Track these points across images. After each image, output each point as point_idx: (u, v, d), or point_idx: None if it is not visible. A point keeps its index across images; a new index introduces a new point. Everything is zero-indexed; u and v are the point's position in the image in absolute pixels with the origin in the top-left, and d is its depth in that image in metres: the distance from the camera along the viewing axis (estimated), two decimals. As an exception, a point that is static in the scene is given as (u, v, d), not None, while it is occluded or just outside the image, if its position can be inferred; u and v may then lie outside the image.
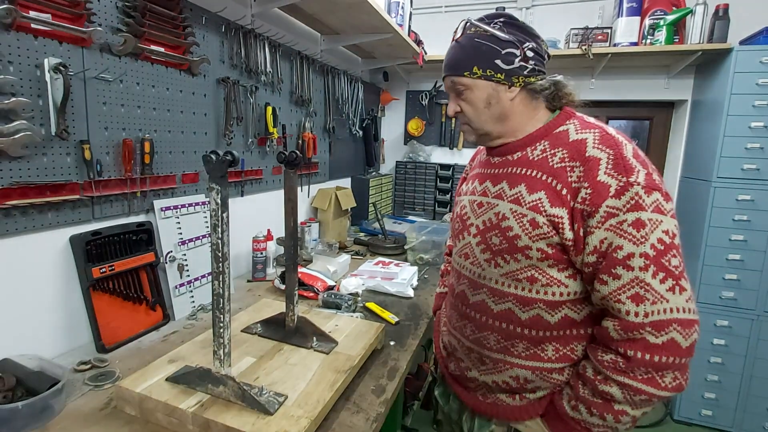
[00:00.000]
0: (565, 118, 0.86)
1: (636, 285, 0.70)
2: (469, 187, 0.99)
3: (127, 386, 0.86)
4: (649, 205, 0.70)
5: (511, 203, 0.83)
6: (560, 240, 0.77)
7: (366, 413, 0.91)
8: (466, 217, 0.95)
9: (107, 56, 1.14)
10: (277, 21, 1.87)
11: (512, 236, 0.81)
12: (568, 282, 0.80)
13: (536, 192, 0.80)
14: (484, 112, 0.87)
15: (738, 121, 2.09)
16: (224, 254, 0.81)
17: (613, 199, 0.71)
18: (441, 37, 2.92)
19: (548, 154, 0.82)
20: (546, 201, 0.78)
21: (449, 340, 1.01)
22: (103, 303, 1.14)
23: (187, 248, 1.37)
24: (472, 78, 0.85)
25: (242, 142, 1.71)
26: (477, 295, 0.90)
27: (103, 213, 1.17)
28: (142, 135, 1.25)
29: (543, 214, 0.78)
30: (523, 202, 0.81)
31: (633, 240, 0.70)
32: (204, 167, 0.79)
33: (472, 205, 0.94)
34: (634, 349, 0.70)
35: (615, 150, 0.75)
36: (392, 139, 3.37)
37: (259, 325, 1.14)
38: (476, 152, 1.10)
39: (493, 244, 0.85)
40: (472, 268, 0.91)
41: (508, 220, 0.82)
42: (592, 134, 0.79)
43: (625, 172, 0.72)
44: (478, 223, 0.90)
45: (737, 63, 2.06)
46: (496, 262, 0.85)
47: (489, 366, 0.90)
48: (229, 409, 0.81)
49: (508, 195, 0.85)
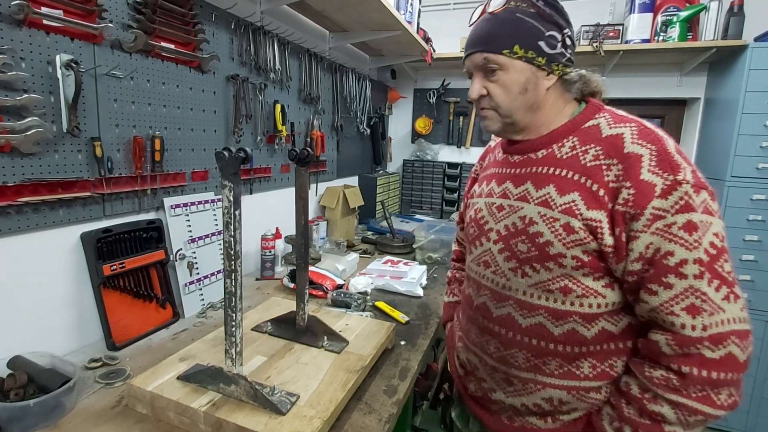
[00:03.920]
0: (593, 112, 0.78)
1: (691, 294, 0.63)
2: (483, 188, 0.91)
3: (139, 384, 0.86)
4: (699, 206, 0.64)
5: (539, 206, 0.76)
6: (598, 246, 0.70)
7: (378, 414, 0.90)
8: (483, 222, 0.86)
9: (118, 53, 1.14)
10: (285, 18, 1.86)
11: (543, 243, 0.74)
12: (606, 292, 0.73)
13: (568, 193, 0.73)
14: (518, 98, 0.77)
15: (753, 119, 2.05)
16: (236, 252, 0.80)
17: (659, 199, 0.65)
18: (449, 35, 2.91)
19: (579, 152, 0.75)
20: (581, 203, 0.71)
21: (468, 358, 0.92)
22: (114, 300, 1.14)
23: (196, 246, 1.36)
24: (511, 57, 0.75)
25: (251, 139, 1.70)
26: (502, 308, 0.81)
27: (114, 210, 1.17)
28: (152, 132, 1.25)
29: (578, 217, 0.70)
30: (553, 204, 0.74)
31: (685, 245, 0.63)
32: (216, 164, 0.79)
33: (489, 208, 0.86)
34: (690, 365, 0.64)
35: (657, 145, 0.68)
36: (400, 137, 3.36)
37: (270, 324, 1.13)
38: (486, 151, 1.02)
39: (519, 251, 0.77)
40: (494, 278, 0.83)
41: (537, 224, 0.75)
42: (629, 128, 0.72)
43: (671, 169, 0.65)
44: (499, 228, 0.82)
45: (752, 60, 2.02)
46: (523, 272, 0.77)
47: (517, 387, 0.81)
48: (241, 408, 0.80)
49: (534, 197, 0.77)
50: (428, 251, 2.06)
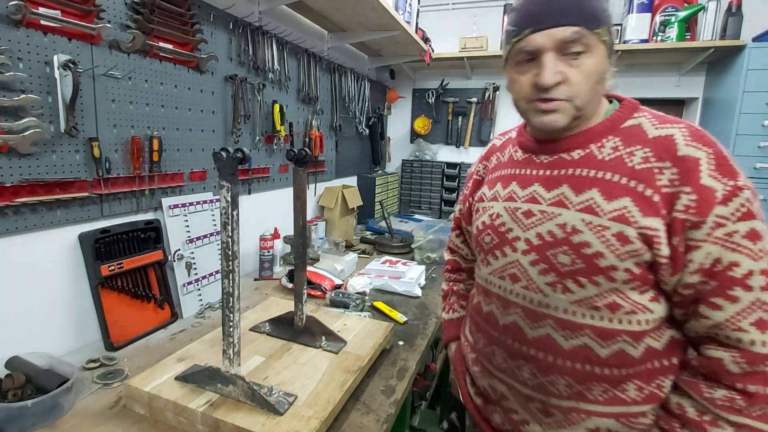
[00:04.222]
0: (631, 110, 0.72)
1: (758, 308, 0.60)
2: (498, 191, 0.81)
3: (136, 385, 0.86)
4: (757, 213, 0.61)
5: (583, 212, 0.67)
6: (652, 257, 0.63)
7: (376, 414, 0.90)
8: (505, 229, 0.77)
9: (116, 53, 1.14)
10: (284, 18, 1.86)
11: (591, 254, 0.66)
12: (653, 306, 0.67)
13: (617, 199, 0.65)
14: (594, 89, 0.67)
15: (750, 119, 2.06)
16: (234, 252, 0.80)
17: (720, 206, 0.60)
18: (448, 35, 2.91)
19: (623, 153, 0.68)
20: (635, 210, 0.64)
21: (492, 385, 0.81)
22: (112, 301, 1.13)
23: (194, 246, 1.36)
24: (599, 38, 0.65)
25: (249, 140, 1.70)
26: (539, 328, 0.72)
27: (112, 211, 1.17)
28: (150, 132, 1.25)
29: (634, 226, 0.63)
30: (600, 211, 0.66)
31: (750, 255, 0.60)
32: (214, 164, 0.79)
33: (512, 213, 0.76)
34: (757, 384, 0.59)
35: (714, 148, 0.63)
36: (398, 137, 3.36)
37: (268, 324, 1.13)
38: (490, 151, 0.93)
39: (560, 263, 0.69)
40: (527, 293, 0.73)
41: (582, 233, 0.67)
42: (679, 130, 0.66)
43: (730, 174, 0.61)
44: (530, 237, 0.73)
45: (750, 60, 2.03)
46: (565, 287, 0.69)
47: (557, 418, 0.72)
48: (238, 408, 0.80)
49: (574, 202, 0.69)
50: (427, 251, 2.06)
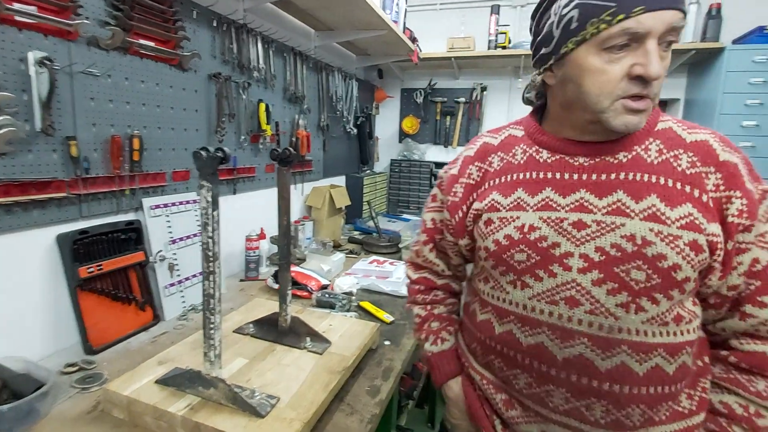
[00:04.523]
0: (657, 113, 0.70)
1: None
2: (524, 198, 0.70)
3: (115, 389, 0.84)
4: None
5: (648, 221, 0.62)
6: (710, 263, 0.63)
7: (360, 414, 0.90)
8: (548, 244, 0.67)
9: (95, 50, 1.11)
10: (269, 16, 1.84)
11: (668, 267, 0.61)
12: (697, 311, 0.67)
13: (680, 205, 0.62)
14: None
15: (730, 120, 2.11)
16: (215, 253, 0.79)
17: (760, 209, 0.64)
18: (436, 35, 2.92)
19: (668, 157, 0.65)
20: (700, 216, 0.62)
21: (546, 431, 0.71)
22: (91, 303, 1.11)
23: (177, 247, 1.34)
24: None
25: (234, 139, 1.68)
26: (612, 357, 0.63)
27: (91, 211, 1.15)
28: (131, 131, 1.22)
29: (704, 233, 0.61)
30: (666, 219, 0.62)
31: None
32: (194, 164, 0.77)
33: (556, 225, 0.67)
34: None
35: (742, 155, 0.66)
36: (387, 137, 3.36)
37: (252, 326, 1.12)
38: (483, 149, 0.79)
39: (634, 280, 0.62)
40: (593, 319, 0.64)
41: (654, 245, 0.61)
42: (710, 135, 0.66)
43: (757, 179, 0.65)
44: (587, 252, 0.65)
45: (730, 62, 2.08)
46: (638, 306, 0.62)
47: None
48: (219, 411, 0.79)
49: (636, 210, 0.63)
50: (414, 251, 2.06)
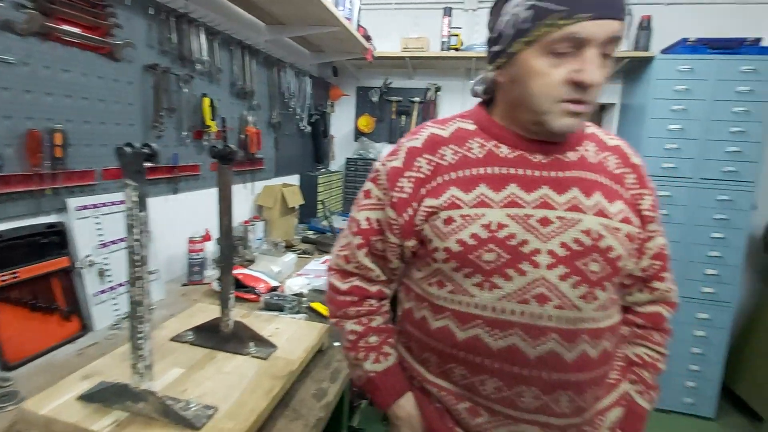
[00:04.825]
0: None
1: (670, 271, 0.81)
2: (488, 194, 0.67)
3: (31, 408, 0.76)
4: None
5: (598, 216, 0.66)
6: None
7: (305, 419, 0.88)
8: (517, 241, 0.64)
9: (8, 35, 1.00)
10: (214, 6, 1.76)
11: (615, 258, 0.66)
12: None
13: (615, 201, 0.69)
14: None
15: (658, 124, 2.27)
16: (143, 257, 0.74)
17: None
18: (391, 34, 2.92)
19: (601, 158, 0.72)
20: (628, 211, 0.70)
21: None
22: (6, 315, 1.00)
23: (108, 251, 1.24)
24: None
25: (175, 135, 1.59)
26: (576, 347, 0.65)
27: (6, 213, 1.03)
28: (52, 125, 1.11)
29: (632, 224, 0.70)
30: (609, 214, 0.67)
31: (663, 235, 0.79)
32: (118, 161, 0.72)
33: (523, 222, 0.65)
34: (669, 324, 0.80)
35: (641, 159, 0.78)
36: (342, 135, 3.32)
37: (191, 333, 1.06)
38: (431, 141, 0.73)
39: (591, 272, 0.65)
40: (560, 313, 0.64)
41: (605, 238, 0.65)
42: (621, 141, 0.78)
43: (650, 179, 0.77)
44: (552, 248, 0.64)
45: (658, 70, 2.24)
46: (593, 296, 0.65)
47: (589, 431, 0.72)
48: (150, 427, 0.74)
49: (588, 206, 0.66)
50: (368, 250, 2.05)
